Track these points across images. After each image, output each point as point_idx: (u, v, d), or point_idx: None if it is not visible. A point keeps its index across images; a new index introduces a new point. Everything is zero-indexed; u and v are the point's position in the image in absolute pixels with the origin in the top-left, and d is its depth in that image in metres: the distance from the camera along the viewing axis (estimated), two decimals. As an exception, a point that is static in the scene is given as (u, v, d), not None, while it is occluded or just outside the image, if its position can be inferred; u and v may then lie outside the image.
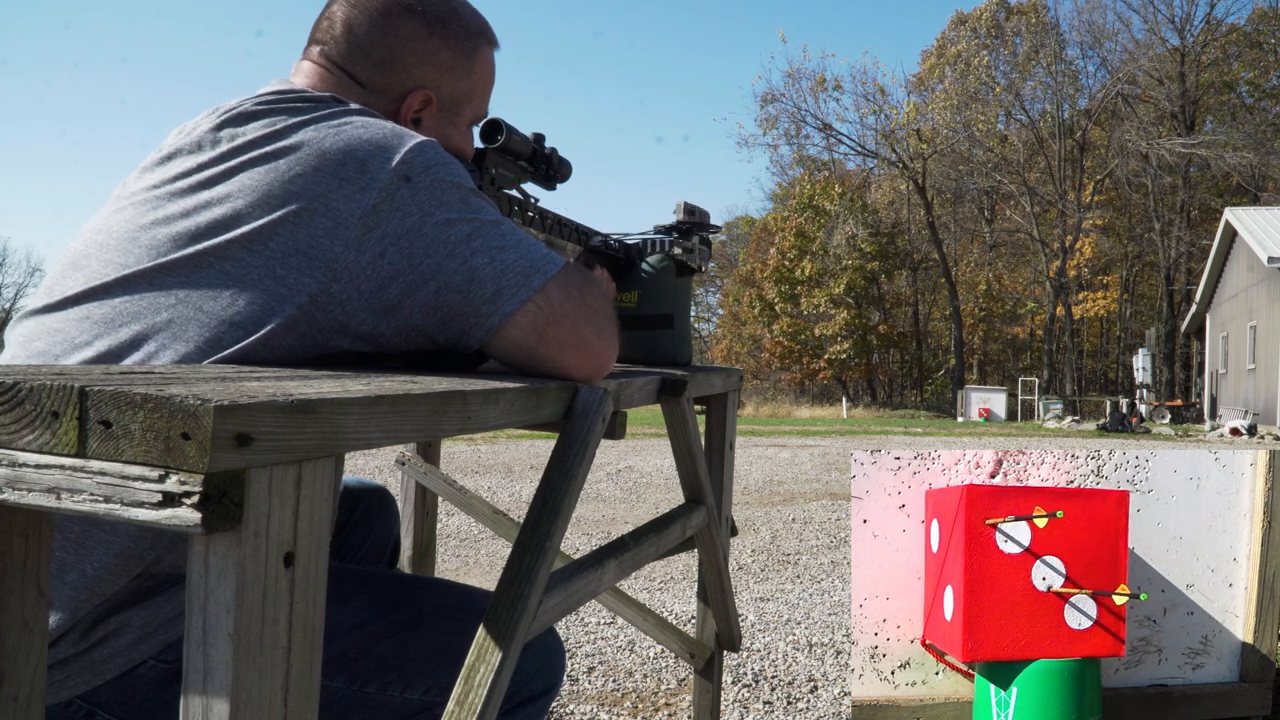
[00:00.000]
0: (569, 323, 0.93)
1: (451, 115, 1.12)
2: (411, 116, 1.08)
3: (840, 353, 33.38)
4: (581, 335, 0.94)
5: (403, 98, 1.07)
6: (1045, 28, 34.28)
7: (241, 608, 0.49)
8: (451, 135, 1.13)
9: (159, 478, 0.47)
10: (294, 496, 0.52)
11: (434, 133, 1.10)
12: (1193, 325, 27.01)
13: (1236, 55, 33.26)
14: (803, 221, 34.21)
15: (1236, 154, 28.88)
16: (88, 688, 0.84)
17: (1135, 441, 14.37)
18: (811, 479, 7.61)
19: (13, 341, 0.90)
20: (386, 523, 1.44)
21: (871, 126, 36.07)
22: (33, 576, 0.63)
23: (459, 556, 4.23)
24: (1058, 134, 34.06)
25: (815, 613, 3.27)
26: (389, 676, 0.94)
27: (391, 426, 0.62)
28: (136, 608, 0.84)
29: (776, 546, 4.58)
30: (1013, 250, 37.16)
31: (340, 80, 1.05)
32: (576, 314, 0.94)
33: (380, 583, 1.04)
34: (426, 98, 1.08)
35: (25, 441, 0.50)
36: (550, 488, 0.85)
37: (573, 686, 2.43)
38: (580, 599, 0.97)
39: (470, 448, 9.52)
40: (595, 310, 0.97)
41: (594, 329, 0.96)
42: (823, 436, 13.96)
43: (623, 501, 6.03)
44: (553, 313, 0.92)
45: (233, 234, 0.85)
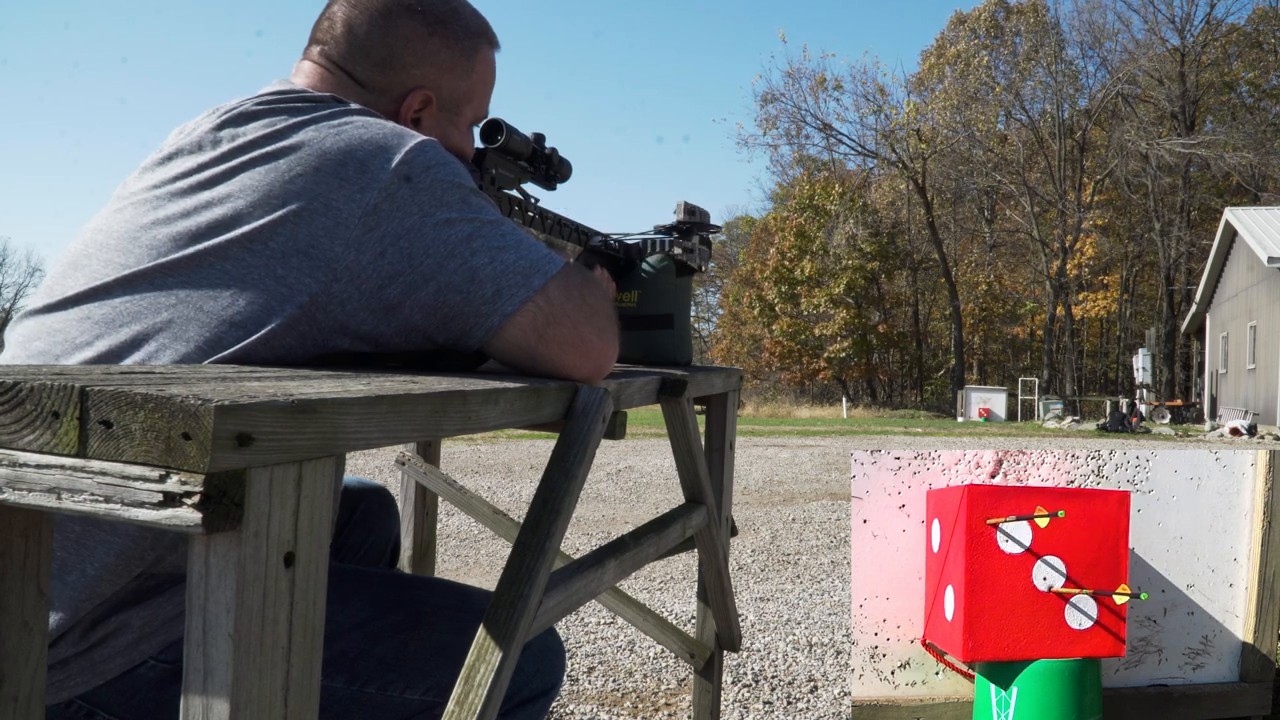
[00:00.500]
0: (569, 323, 0.93)
1: (451, 115, 1.12)
2: (411, 116, 1.08)
3: (840, 351, 33.37)
4: (582, 335, 0.94)
5: (403, 97, 1.07)
6: (1045, 27, 34.28)
7: (242, 608, 0.49)
8: (452, 135, 1.13)
9: (159, 478, 0.47)
10: (294, 496, 0.52)
11: (434, 133, 1.10)
12: (1193, 325, 27.02)
13: (1236, 55, 33.25)
14: (803, 221, 34.20)
15: (1236, 154, 28.87)
16: (88, 688, 0.84)
17: (1135, 441, 14.37)
18: (811, 479, 7.61)
19: (13, 341, 0.90)
20: (386, 523, 1.44)
21: (871, 126, 36.15)
22: (33, 576, 0.63)
23: (459, 556, 4.23)
24: (1058, 134, 34.06)
25: (815, 613, 3.27)
26: (389, 676, 0.94)
27: (391, 426, 0.62)
28: (137, 608, 0.84)
29: (776, 546, 4.58)
30: (1013, 250, 37.15)
31: (340, 80, 1.05)
32: (577, 314, 0.94)
33: (380, 583, 1.04)
34: (426, 98, 1.08)
35: (26, 441, 0.50)
36: (550, 488, 0.85)
37: (573, 686, 2.43)
38: (580, 599, 0.97)
39: (470, 448, 9.52)
40: (595, 310, 0.97)
41: (594, 329, 0.95)
42: (823, 436, 13.96)
43: (623, 501, 6.03)
44: (553, 313, 0.92)
45: (233, 234, 0.85)
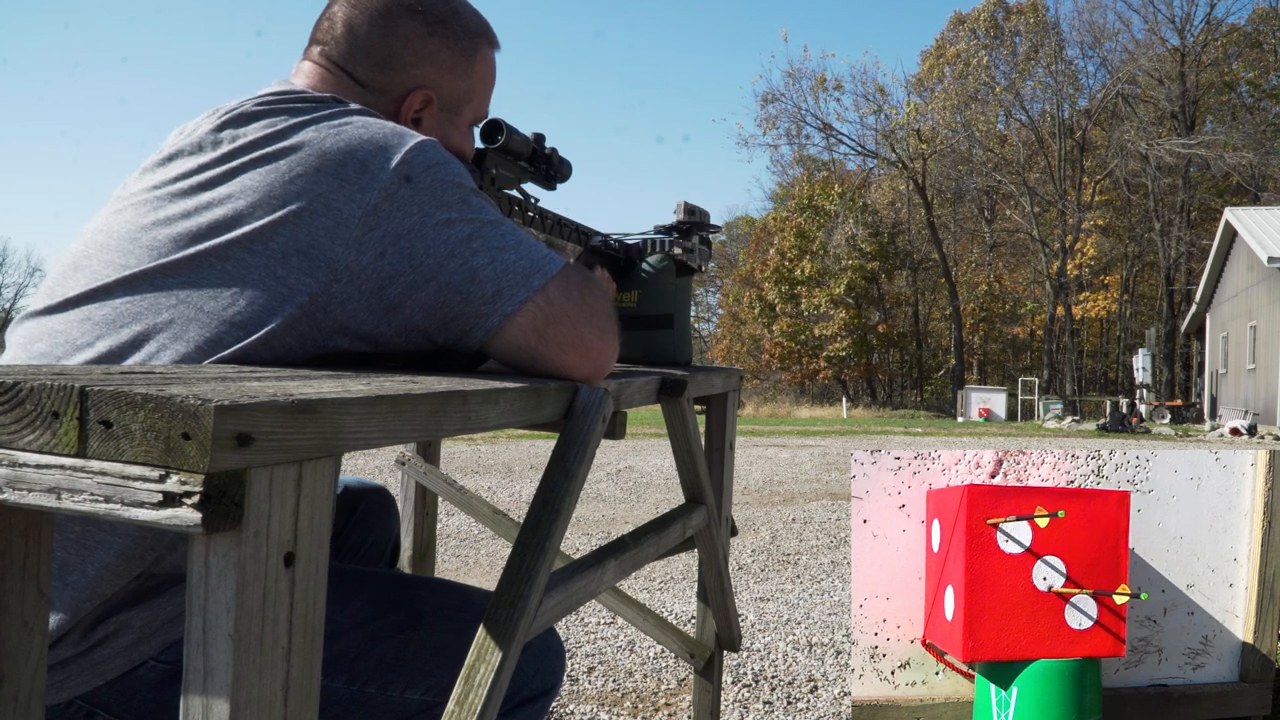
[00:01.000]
0: (569, 323, 0.93)
1: (452, 115, 1.12)
2: (412, 116, 1.08)
3: (839, 351, 33.36)
4: (582, 335, 0.94)
5: (403, 97, 1.07)
6: (1045, 27, 34.27)
7: (242, 608, 0.49)
8: (452, 135, 1.13)
9: (159, 478, 0.47)
10: (294, 496, 0.52)
11: (434, 132, 1.10)
12: (1193, 325, 27.01)
13: (1236, 55, 33.25)
14: (803, 221, 34.20)
15: (1236, 154, 28.86)
16: (88, 688, 0.84)
17: (1135, 441, 14.36)
18: (811, 479, 7.61)
19: (14, 343, 0.90)
20: (386, 523, 1.44)
21: (871, 126, 36.16)
22: (33, 576, 0.63)
23: (459, 556, 4.23)
24: (1058, 134, 34.05)
25: (815, 613, 3.27)
26: (389, 677, 0.94)
27: (391, 426, 0.62)
28: (137, 608, 0.84)
29: (776, 546, 4.58)
30: (1013, 250, 37.14)
31: (341, 80, 1.05)
32: (577, 314, 0.94)
33: (380, 583, 1.04)
34: (427, 98, 1.08)
35: (26, 441, 0.50)
36: (550, 488, 0.85)
37: (573, 686, 2.43)
38: (580, 599, 0.97)
39: (470, 448, 9.52)
40: (595, 310, 0.97)
41: (594, 329, 0.95)
42: (823, 436, 13.96)
43: (623, 501, 6.03)
44: (553, 313, 0.92)
45: (234, 234, 0.85)
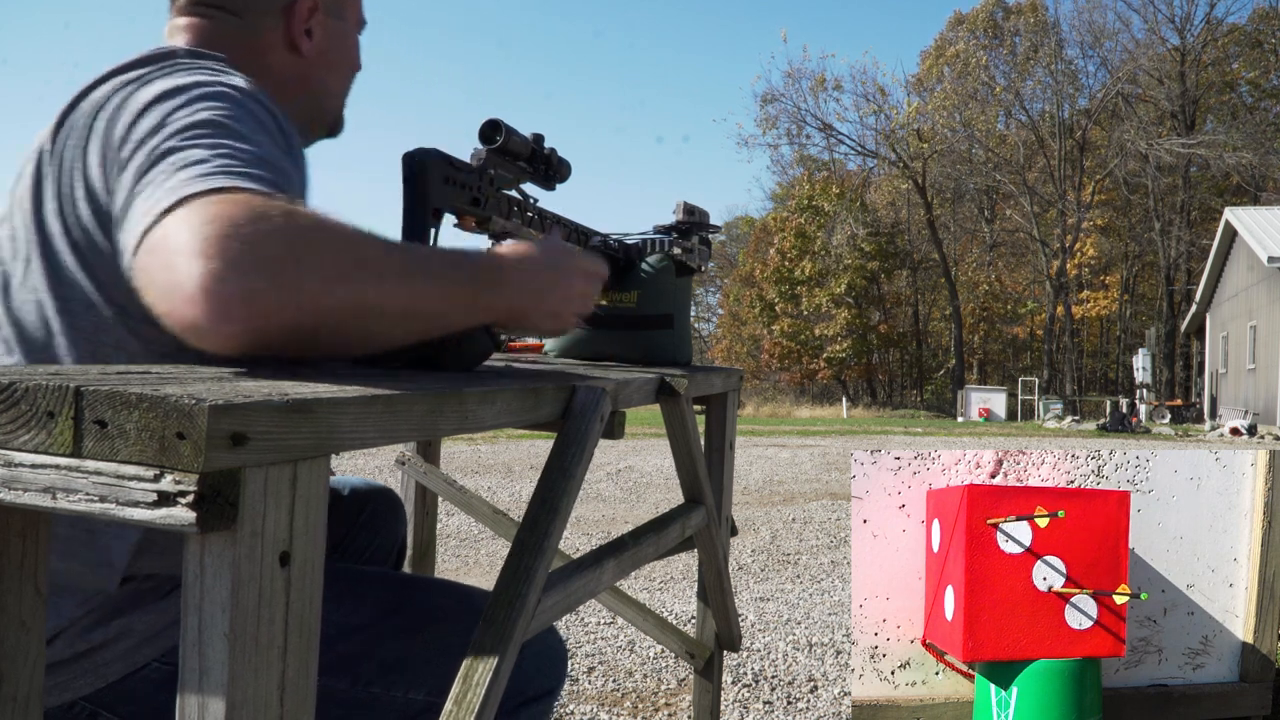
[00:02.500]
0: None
1: (338, 20, 1.08)
2: (304, 29, 1.03)
3: (840, 351, 33.36)
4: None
5: (288, 10, 1.02)
6: (1045, 27, 34.27)
7: (237, 607, 0.49)
8: (350, 39, 1.09)
9: (154, 477, 0.47)
10: (289, 496, 0.52)
11: (335, 41, 1.06)
12: (1193, 325, 27.01)
13: (1237, 55, 33.24)
14: (803, 221, 34.19)
15: (1236, 154, 28.85)
16: (90, 689, 0.84)
17: (1135, 441, 14.36)
18: (811, 479, 7.60)
19: None
20: (393, 525, 1.43)
21: (871, 126, 36.17)
22: (30, 576, 0.63)
23: (459, 556, 4.23)
24: (1058, 134, 34.04)
25: (815, 613, 3.27)
26: (392, 677, 0.94)
27: (388, 426, 0.61)
28: (138, 612, 0.84)
29: (776, 546, 4.58)
30: (1013, 250, 37.13)
31: (216, 21, 0.99)
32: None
33: (381, 584, 1.04)
34: (313, 4, 1.03)
35: (21, 441, 0.50)
36: (549, 487, 0.85)
37: (573, 686, 2.42)
38: (579, 599, 0.97)
39: (470, 448, 9.52)
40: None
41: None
42: (823, 436, 13.96)
43: (623, 501, 6.03)
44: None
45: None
